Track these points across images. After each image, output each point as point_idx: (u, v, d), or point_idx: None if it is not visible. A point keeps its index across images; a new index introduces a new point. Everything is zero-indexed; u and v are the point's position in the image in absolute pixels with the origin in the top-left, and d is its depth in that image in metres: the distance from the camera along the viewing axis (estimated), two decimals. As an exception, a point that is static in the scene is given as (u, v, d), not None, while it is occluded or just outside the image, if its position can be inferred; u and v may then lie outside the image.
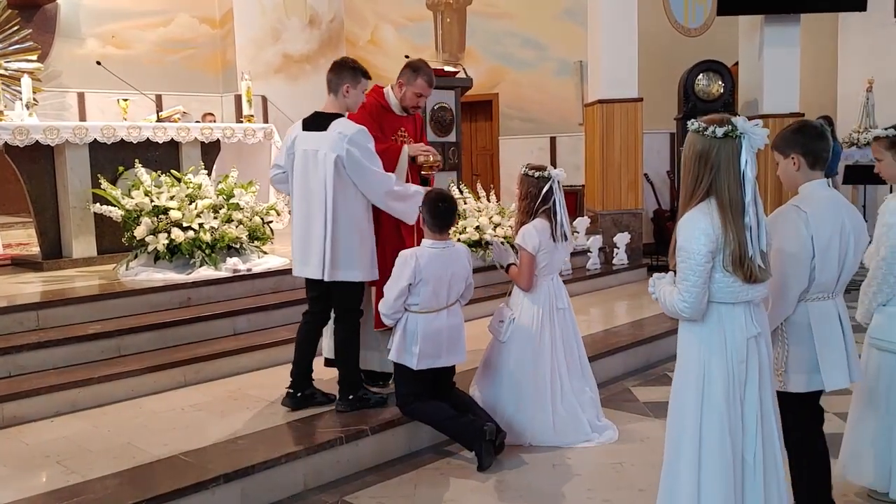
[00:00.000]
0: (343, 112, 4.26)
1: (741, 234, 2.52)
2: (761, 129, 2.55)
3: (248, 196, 6.52)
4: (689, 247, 2.55)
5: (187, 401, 4.63)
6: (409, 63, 4.68)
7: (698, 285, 2.55)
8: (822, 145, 2.96)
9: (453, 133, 8.11)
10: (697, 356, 2.65)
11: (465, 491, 3.76)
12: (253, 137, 7.63)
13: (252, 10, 12.50)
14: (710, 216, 2.54)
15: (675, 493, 2.69)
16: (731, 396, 2.60)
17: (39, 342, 4.76)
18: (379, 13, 13.84)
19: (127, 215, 6.07)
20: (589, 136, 9.43)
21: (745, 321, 2.62)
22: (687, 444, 2.65)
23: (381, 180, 4.19)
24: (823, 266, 2.90)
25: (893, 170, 3.35)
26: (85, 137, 6.59)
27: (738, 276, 2.55)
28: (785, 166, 3.00)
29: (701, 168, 2.57)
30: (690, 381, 2.65)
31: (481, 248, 7.31)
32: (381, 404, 4.32)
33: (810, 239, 2.86)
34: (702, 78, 9.34)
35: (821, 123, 3.09)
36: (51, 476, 3.55)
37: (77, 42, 11.33)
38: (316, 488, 3.79)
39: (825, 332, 2.96)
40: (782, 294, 2.89)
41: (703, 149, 2.57)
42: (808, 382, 2.96)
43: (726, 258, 2.54)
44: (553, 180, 4.31)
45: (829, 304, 2.99)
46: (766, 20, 8.98)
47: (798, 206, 2.92)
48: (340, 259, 4.13)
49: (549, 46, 12.84)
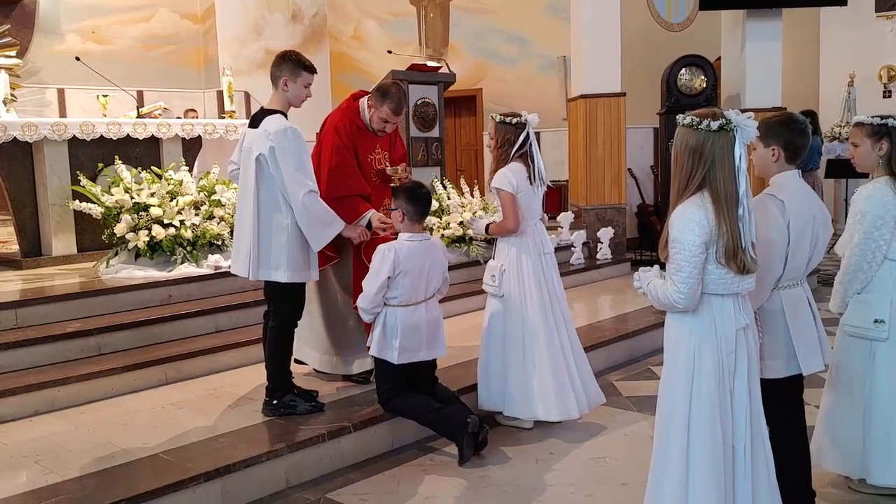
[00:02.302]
0: (283, 107, 4.10)
1: (734, 226, 2.54)
2: (753, 122, 2.58)
3: (230, 192, 6.47)
4: (684, 238, 2.56)
5: (168, 399, 4.60)
6: (380, 86, 4.53)
7: (693, 276, 2.56)
8: (804, 142, 3.02)
9: (436, 128, 8.08)
10: (688, 347, 2.66)
11: (448, 487, 3.75)
12: (235, 133, 7.58)
13: (234, 6, 12.43)
14: (703, 209, 2.56)
15: (664, 483, 2.69)
16: (721, 387, 2.62)
17: (18, 341, 4.71)
18: (362, 8, 13.79)
19: (107, 212, 6.02)
20: (572, 132, 9.44)
21: (735, 312, 2.65)
22: (677, 435, 2.66)
23: (295, 185, 3.93)
24: (797, 252, 2.98)
25: (868, 158, 3.38)
26: (64, 134, 6.53)
27: (731, 267, 2.57)
28: (764, 154, 3.05)
29: (695, 162, 2.58)
30: (681, 372, 2.67)
31: (465, 244, 7.30)
32: (310, 412, 4.19)
33: (787, 226, 2.93)
34: (685, 72, 9.36)
35: (804, 119, 3.12)
36: (29, 476, 3.52)
37: (57, 38, 11.23)
38: (298, 486, 3.77)
39: (798, 318, 3.02)
40: (760, 282, 2.92)
41: (696, 143, 2.58)
42: (786, 368, 3.02)
43: (719, 250, 2.56)
44: (529, 125, 4.39)
45: (798, 290, 3.07)
46: (748, 14, 9.01)
47: (773, 195, 2.99)
48: (264, 258, 4.02)
49: (533, 42, 12.85)
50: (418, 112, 7.84)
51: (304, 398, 4.27)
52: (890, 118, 3.34)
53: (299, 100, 4.14)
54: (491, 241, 7.45)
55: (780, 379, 3.03)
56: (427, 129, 7.95)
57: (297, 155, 3.96)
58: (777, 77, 9.05)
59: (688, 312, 2.64)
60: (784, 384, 3.06)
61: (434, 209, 7.45)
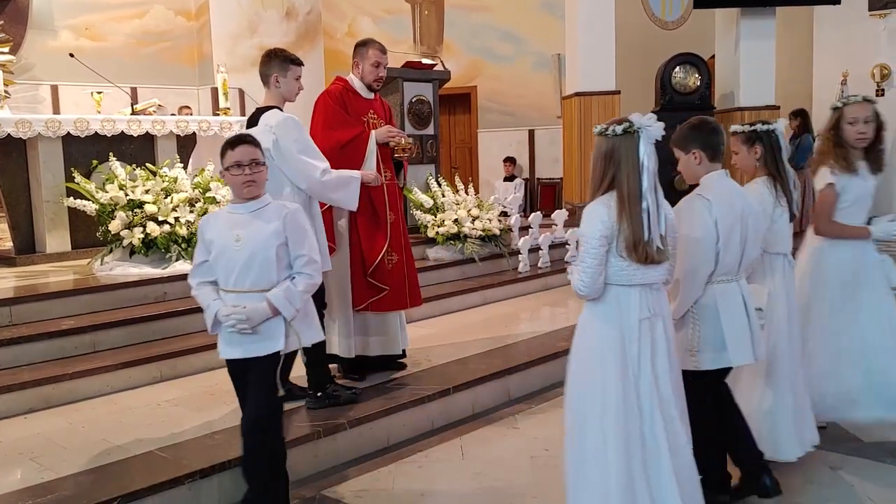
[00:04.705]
0: (279, 103, 4.16)
1: (636, 220, 2.75)
2: (657, 123, 2.77)
3: (225, 190, 6.46)
4: (587, 232, 2.81)
5: (163, 396, 4.60)
6: (357, 42, 4.74)
7: (593, 266, 2.79)
8: (719, 139, 3.23)
9: (431, 126, 8.08)
10: (594, 333, 2.89)
11: (443, 484, 3.76)
12: (229, 130, 7.57)
13: (228, 3, 12.41)
14: (608, 206, 2.79)
15: (585, 464, 2.85)
16: (625, 371, 2.80)
17: (12, 338, 4.69)
18: (357, 5, 13.79)
19: (101, 209, 6.01)
20: (567, 129, 9.46)
21: (639, 303, 2.83)
22: (592, 419, 2.82)
23: (308, 169, 4.04)
24: (727, 249, 3.14)
25: (748, 162, 3.65)
26: (58, 131, 6.51)
27: (632, 259, 2.77)
28: (686, 161, 3.25)
29: (605, 164, 2.82)
30: (587, 355, 2.88)
31: (459, 242, 7.31)
32: (351, 401, 4.28)
33: (714, 224, 3.11)
34: (679, 71, 9.39)
35: (713, 119, 3.35)
36: (24, 473, 3.51)
37: (50, 34, 11.20)
38: (294, 482, 3.76)
39: (730, 312, 3.19)
40: (692, 277, 3.13)
41: (607, 147, 2.82)
42: (718, 360, 3.20)
43: (621, 244, 2.77)
44: None
45: (732, 285, 3.22)
46: (742, 13, 9.04)
47: (701, 195, 3.18)
48: None
49: (528, 40, 12.86)
50: (413, 109, 7.84)
51: (300, 394, 4.32)
52: (759, 124, 3.60)
53: (292, 93, 4.20)
54: (486, 238, 7.48)
55: (711, 370, 3.22)
56: (422, 127, 7.95)
57: (302, 140, 4.06)
58: (771, 75, 9.09)
59: (596, 301, 2.87)
60: (715, 375, 3.25)
61: (429, 207, 7.46)
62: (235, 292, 3.17)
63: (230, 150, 3.16)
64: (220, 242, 3.19)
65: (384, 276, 4.69)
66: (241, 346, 3.21)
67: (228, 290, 3.19)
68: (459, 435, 4.29)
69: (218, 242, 3.19)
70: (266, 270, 3.15)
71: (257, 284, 3.15)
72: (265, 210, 3.22)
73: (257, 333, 3.17)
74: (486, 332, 5.84)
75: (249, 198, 3.20)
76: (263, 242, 3.14)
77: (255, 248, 3.13)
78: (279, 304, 3.13)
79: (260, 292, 3.14)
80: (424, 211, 7.43)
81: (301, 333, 3.29)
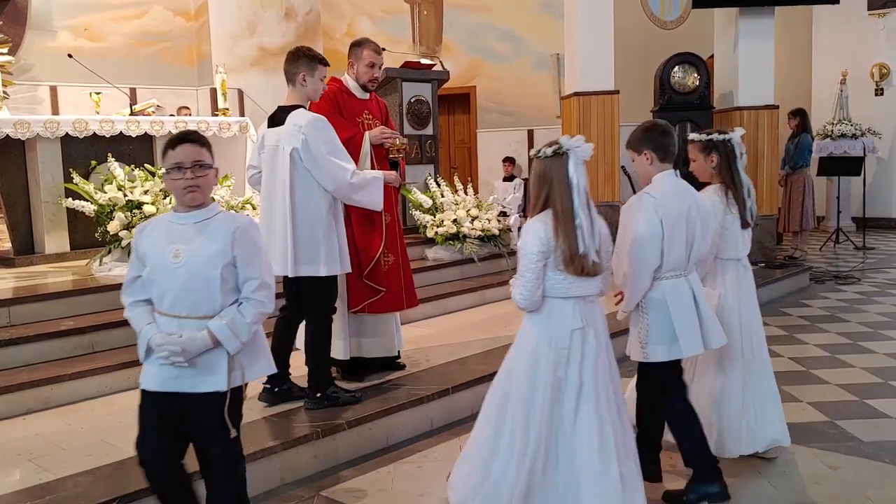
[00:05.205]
0: (304, 102, 4.18)
1: (571, 235, 2.93)
2: (586, 145, 2.97)
3: (224, 190, 6.47)
4: (525, 248, 3.01)
5: (162, 397, 4.58)
6: (352, 42, 4.75)
7: (532, 280, 3.00)
8: (670, 141, 3.40)
9: (430, 126, 8.07)
10: (529, 339, 3.07)
11: (442, 484, 3.74)
12: (228, 131, 7.57)
13: (227, 3, 12.42)
14: (544, 223, 2.98)
15: (492, 460, 3.07)
16: (554, 374, 2.99)
17: (11, 339, 4.69)
18: (356, 5, 13.79)
19: (100, 210, 6.00)
20: (566, 129, 9.44)
21: (573, 314, 3.01)
22: (511, 423, 3.02)
23: (337, 171, 4.04)
24: (672, 245, 3.30)
25: (704, 170, 3.79)
26: (56, 131, 6.50)
27: (569, 272, 2.96)
28: (640, 162, 3.44)
29: (540, 185, 3.02)
30: (522, 358, 3.07)
31: (459, 242, 7.30)
32: (351, 402, 4.28)
33: (659, 221, 3.28)
34: (678, 70, 9.37)
35: (664, 121, 3.50)
36: (23, 474, 3.51)
37: (49, 34, 11.20)
38: (292, 483, 3.77)
39: (679, 305, 3.33)
40: (638, 271, 3.31)
41: (541, 169, 3.02)
42: (669, 352, 3.35)
43: (558, 258, 2.96)
44: None
45: (681, 280, 3.36)
46: (740, 13, 9.02)
47: (648, 193, 3.36)
48: (303, 254, 4.05)
49: (527, 39, 12.86)
50: (412, 109, 7.84)
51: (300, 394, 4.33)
52: (716, 133, 3.76)
53: (317, 93, 4.25)
54: (485, 238, 7.47)
55: (664, 362, 3.38)
56: (421, 127, 7.94)
57: (332, 141, 4.06)
58: (770, 75, 9.07)
59: (534, 312, 3.06)
60: (668, 366, 3.41)
61: (427, 207, 7.46)
62: (171, 317, 2.70)
63: (170, 149, 2.72)
64: (155, 256, 2.71)
65: (381, 278, 4.68)
66: (172, 379, 2.71)
67: (163, 314, 2.73)
68: (459, 435, 4.28)
69: (153, 256, 2.72)
70: (208, 294, 2.67)
71: (197, 310, 2.69)
72: (212, 222, 2.74)
73: (194, 367, 2.69)
74: (485, 332, 5.83)
75: (193, 206, 2.74)
76: (207, 260, 2.66)
77: (197, 267, 2.66)
78: (221, 335, 2.67)
79: (200, 319, 2.68)
80: (423, 211, 7.43)
81: (247, 367, 2.81)
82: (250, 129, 7.75)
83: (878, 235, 12.23)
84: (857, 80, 12.88)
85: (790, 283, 8.29)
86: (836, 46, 13.19)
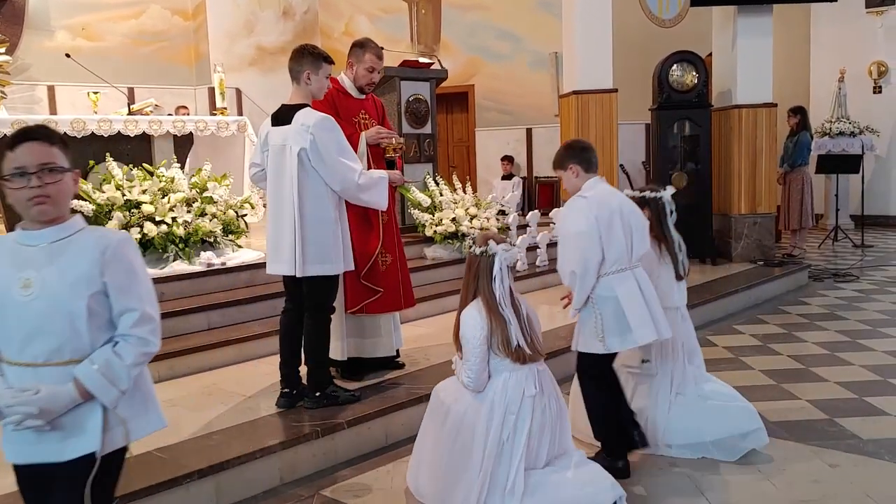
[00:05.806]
0: (308, 101, 4.17)
1: (502, 325, 3.19)
2: (513, 250, 3.27)
3: (222, 189, 6.46)
4: (468, 335, 3.23)
5: (161, 396, 4.46)
6: (354, 42, 4.71)
7: (478, 364, 3.20)
8: (590, 154, 3.73)
9: (429, 125, 8.06)
10: (482, 407, 3.23)
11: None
12: (226, 130, 7.56)
13: (225, 2, 12.40)
14: (479, 310, 3.23)
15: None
16: (503, 430, 3.18)
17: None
18: (354, 4, 13.77)
19: (98, 210, 5.99)
20: (564, 128, 9.44)
21: (526, 383, 3.21)
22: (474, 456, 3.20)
23: (346, 171, 4.05)
24: (611, 240, 3.53)
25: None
26: (54, 131, 6.48)
27: (509, 357, 3.18)
28: (567, 177, 3.73)
29: (470, 276, 3.31)
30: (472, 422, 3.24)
31: (457, 240, 7.30)
32: (350, 401, 4.27)
33: (595, 218, 3.52)
34: (676, 69, 9.35)
35: (584, 140, 3.90)
36: (21, 474, 3.49)
37: (46, 34, 11.18)
38: (292, 482, 3.77)
39: (628, 297, 3.54)
40: (584, 268, 3.51)
41: (470, 261, 3.33)
42: (624, 341, 3.58)
43: (496, 343, 3.19)
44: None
45: (627, 273, 3.59)
46: (739, 11, 9.02)
47: (581, 195, 3.64)
48: (311, 254, 4.06)
49: (525, 38, 12.84)
50: (410, 108, 7.83)
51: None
52: (647, 191, 4.02)
53: (322, 91, 4.24)
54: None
55: (613, 354, 3.66)
56: (419, 126, 7.93)
57: (340, 141, 4.07)
58: (768, 73, 9.07)
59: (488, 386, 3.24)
60: (606, 358, 3.67)
61: (426, 206, 7.44)
62: (22, 366, 2.09)
63: (9, 151, 2.08)
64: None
65: (378, 278, 4.68)
66: (34, 445, 2.11)
67: (11, 363, 2.10)
68: (458, 434, 4.27)
69: None
70: (72, 332, 2.08)
71: (59, 354, 2.09)
72: (74, 241, 2.13)
73: (58, 429, 2.09)
74: (484, 331, 5.82)
75: (44, 221, 2.12)
76: (68, 291, 2.07)
77: (55, 299, 2.06)
78: (93, 385, 2.08)
79: (63, 365, 2.09)
80: (422, 210, 7.42)
81: (130, 422, 2.23)
82: (249, 128, 7.73)
83: (877, 233, 12.24)
84: (856, 77, 12.88)
85: (789, 280, 8.30)
86: (834, 44, 13.19)
